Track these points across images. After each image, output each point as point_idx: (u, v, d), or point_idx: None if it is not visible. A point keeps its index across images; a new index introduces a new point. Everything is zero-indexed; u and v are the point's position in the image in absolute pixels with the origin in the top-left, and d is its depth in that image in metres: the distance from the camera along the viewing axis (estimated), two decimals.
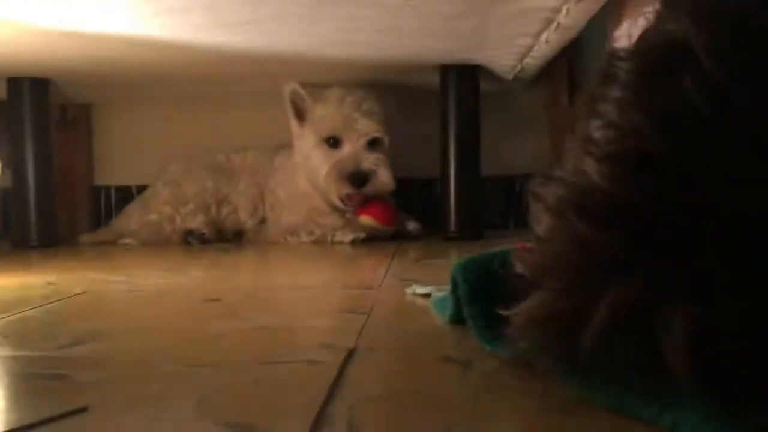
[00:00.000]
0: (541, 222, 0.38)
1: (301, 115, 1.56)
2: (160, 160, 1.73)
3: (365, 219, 1.53)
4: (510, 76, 1.52)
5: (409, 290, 0.78)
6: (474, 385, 0.46)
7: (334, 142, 1.52)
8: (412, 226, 1.57)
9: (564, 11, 1.03)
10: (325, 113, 1.51)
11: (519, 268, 0.39)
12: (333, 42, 1.22)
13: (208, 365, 0.51)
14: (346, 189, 1.50)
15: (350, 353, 0.52)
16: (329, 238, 1.51)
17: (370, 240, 1.48)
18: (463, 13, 1.07)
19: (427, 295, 0.75)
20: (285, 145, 1.63)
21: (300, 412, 0.39)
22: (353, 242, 1.47)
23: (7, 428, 0.38)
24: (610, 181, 0.34)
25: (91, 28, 1.07)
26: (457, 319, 0.59)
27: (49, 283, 0.94)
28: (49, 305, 0.77)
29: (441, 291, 0.69)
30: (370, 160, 1.50)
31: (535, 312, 0.38)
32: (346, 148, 1.51)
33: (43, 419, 0.39)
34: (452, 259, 1.18)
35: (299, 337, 0.63)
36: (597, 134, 0.36)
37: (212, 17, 1.04)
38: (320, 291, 0.89)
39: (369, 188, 1.50)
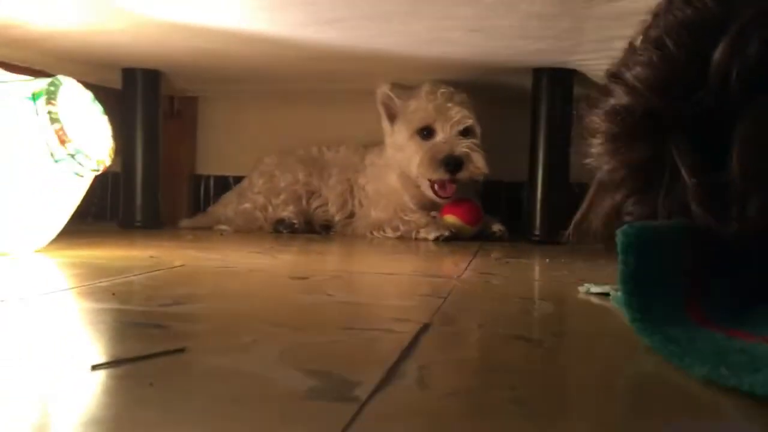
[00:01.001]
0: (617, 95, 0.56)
1: (392, 116, 1.60)
2: (257, 152, 1.81)
3: (450, 218, 1.55)
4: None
5: (582, 289, 0.75)
6: (542, 359, 0.47)
7: (427, 133, 1.55)
8: (496, 227, 1.58)
9: None
10: (418, 106, 1.55)
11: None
12: (428, 40, 1.24)
13: (291, 327, 0.55)
14: (440, 174, 1.52)
15: (425, 326, 0.55)
16: (413, 235, 1.54)
17: (454, 239, 1.50)
18: (558, 13, 1.07)
19: (604, 294, 0.72)
20: (376, 143, 1.67)
21: (374, 366, 0.42)
22: (437, 240, 1.49)
23: (114, 359, 0.42)
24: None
25: (199, 21, 1.14)
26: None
27: (151, 257, 1.01)
28: (151, 273, 0.84)
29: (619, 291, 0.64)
30: (464, 145, 1.52)
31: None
32: (440, 136, 1.54)
33: (147, 354, 0.43)
34: (534, 258, 1.19)
35: (378, 311, 0.66)
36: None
37: (311, 14, 1.09)
38: (402, 278, 0.91)
39: (463, 174, 1.52)
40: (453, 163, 1.51)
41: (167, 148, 1.77)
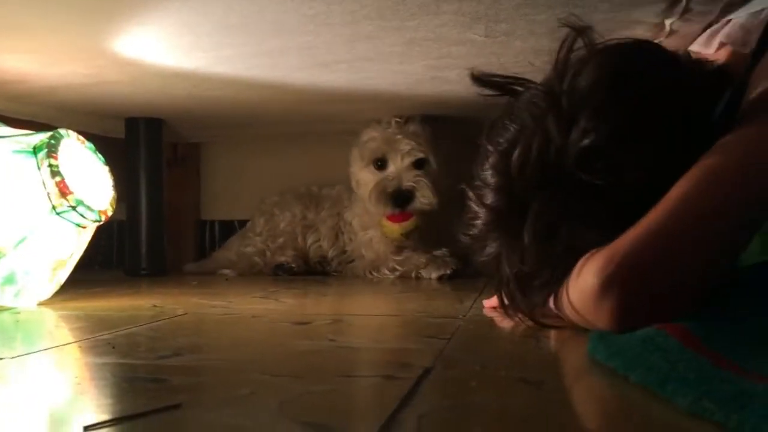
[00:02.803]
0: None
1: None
2: (261, 195, 1.82)
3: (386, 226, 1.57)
4: None
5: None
6: (545, 402, 0.46)
7: (381, 164, 1.56)
8: None
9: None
10: (370, 137, 1.57)
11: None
12: (425, 79, 1.25)
13: (291, 376, 0.54)
14: (389, 208, 1.53)
15: (426, 371, 0.54)
16: (413, 275, 1.53)
17: (457, 276, 1.49)
18: (553, 48, 1.08)
19: None
20: None
21: (372, 416, 0.41)
22: (441, 279, 1.48)
23: (111, 417, 0.42)
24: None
25: (198, 69, 1.16)
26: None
27: (155, 306, 1.01)
28: (154, 323, 0.83)
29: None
30: (410, 179, 1.52)
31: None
32: (391, 168, 1.55)
33: (143, 411, 0.43)
34: None
35: (380, 356, 0.65)
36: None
37: (308, 57, 1.10)
38: (405, 319, 0.91)
39: (413, 206, 1.53)
40: (401, 198, 1.51)
41: (171, 194, 1.78)
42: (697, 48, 0.90)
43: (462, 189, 0.76)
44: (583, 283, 0.61)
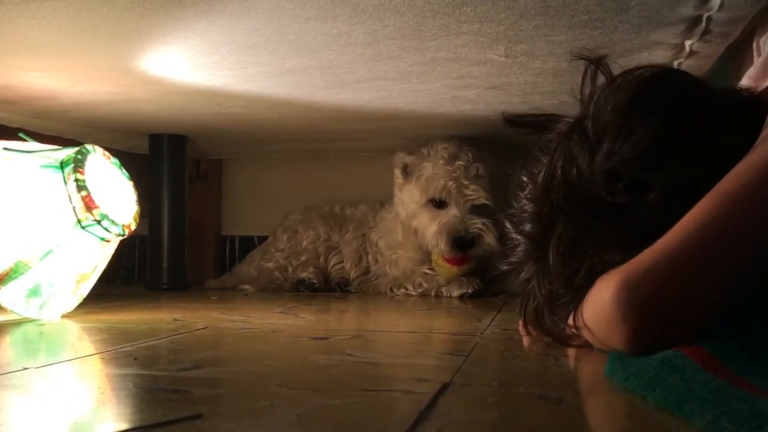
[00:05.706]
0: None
1: (407, 174, 1.60)
2: (281, 212, 1.83)
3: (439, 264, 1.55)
4: None
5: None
6: (563, 419, 0.47)
7: (439, 203, 1.54)
8: None
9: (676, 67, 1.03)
10: (434, 174, 1.54)
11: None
12: (445, 99, 1.26)
13: (310, 389, 0.55)
14: (452, 252, 1.52)
15: (444, 386, 0.54)
16: (434, 292, 1.53)
17: (479, 295, 1.49)
18: (571, 70, 1.08)
19: None
20: (390, 200, 1.68)
21: (390, 430, 0.42)
22: (462, 297, 1.48)
23: (132, 426, 0.43)
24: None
25: (222, 86, 1.18)
26: None
27: (176, 320, 1.02)
28: (175, 337, 0.84)
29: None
30: (477, 226, 1.51)
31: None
32: (452, 211, 1.53)
33: (164, 421, 0.43)
34: None
35: (398, 371, 0.65)
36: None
37: (331, 76, 1.12)
38: (423, 335, 0.91)
39: (474, 251, 1.52)
40: (466, 244, 1.51)
41: (193, 210, 1.80)
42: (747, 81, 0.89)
43: (499, 219, 0.79)
44: (598, 305, 0.61)
